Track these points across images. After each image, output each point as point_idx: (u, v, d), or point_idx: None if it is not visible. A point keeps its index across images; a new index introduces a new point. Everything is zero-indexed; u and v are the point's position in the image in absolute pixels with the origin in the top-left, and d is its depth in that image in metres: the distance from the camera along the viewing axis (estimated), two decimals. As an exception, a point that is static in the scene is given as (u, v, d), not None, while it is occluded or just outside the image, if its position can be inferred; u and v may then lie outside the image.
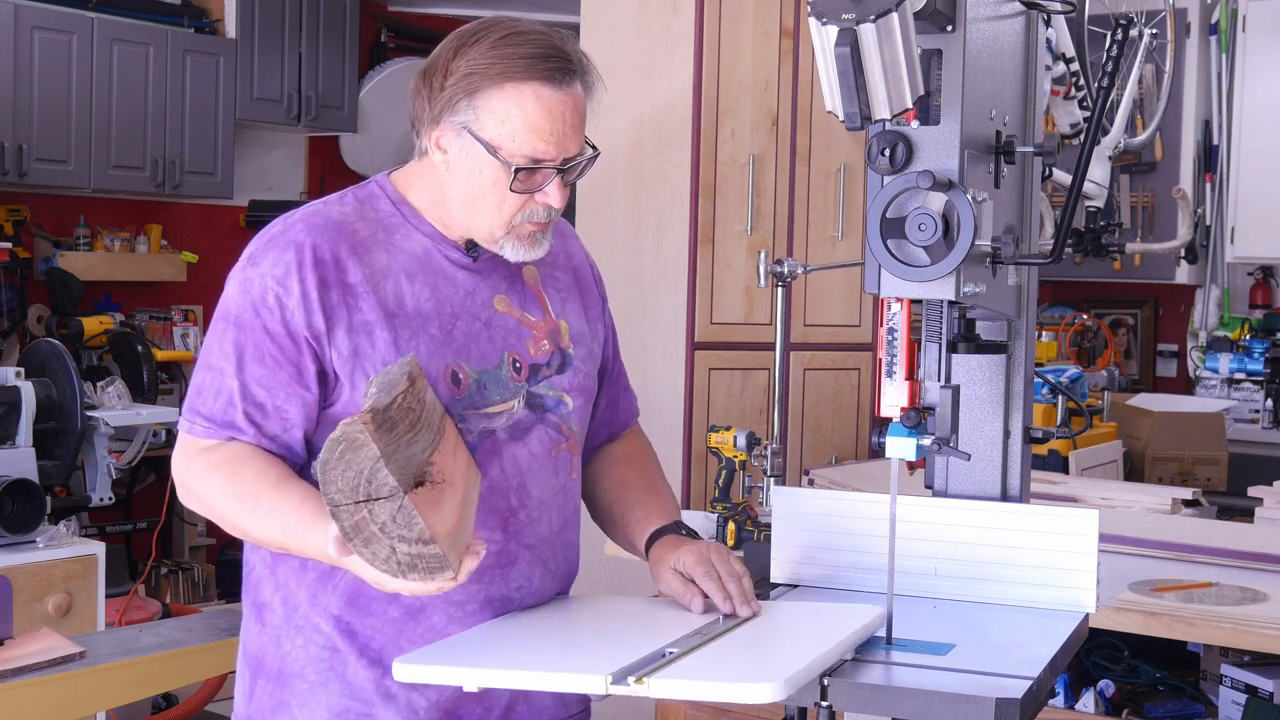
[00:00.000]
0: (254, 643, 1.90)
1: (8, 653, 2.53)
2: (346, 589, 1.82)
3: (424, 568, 1.59)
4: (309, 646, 1.84)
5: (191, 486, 1.81)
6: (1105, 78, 2.04)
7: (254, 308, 1.78)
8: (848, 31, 1.65)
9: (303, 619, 1.85)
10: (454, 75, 1.76)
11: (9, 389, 3.35)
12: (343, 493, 1.56)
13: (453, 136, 1.79)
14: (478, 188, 1.80)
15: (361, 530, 1.57)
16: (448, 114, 1.78)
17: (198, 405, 1.80)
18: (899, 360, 1.81)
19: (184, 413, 1.83)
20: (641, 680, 1.54)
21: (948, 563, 1.99)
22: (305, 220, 1.83)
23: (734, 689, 1.56)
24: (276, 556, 1.85)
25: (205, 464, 1.78)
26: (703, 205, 4.57)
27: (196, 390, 1.81)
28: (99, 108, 5.72)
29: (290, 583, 1.85)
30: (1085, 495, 3.39)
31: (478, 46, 1.76)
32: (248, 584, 1.92)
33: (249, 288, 1.79)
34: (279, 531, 1.73)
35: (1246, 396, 6.03)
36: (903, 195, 1.74)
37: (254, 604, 1.90)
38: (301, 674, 1.85)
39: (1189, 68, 6.24)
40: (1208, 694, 2.77)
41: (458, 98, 1.76)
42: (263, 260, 1.80)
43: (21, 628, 2.81)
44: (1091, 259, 3.25)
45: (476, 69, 1.75)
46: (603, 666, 1.56)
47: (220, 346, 1.80)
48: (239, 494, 1.75)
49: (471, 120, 1.77)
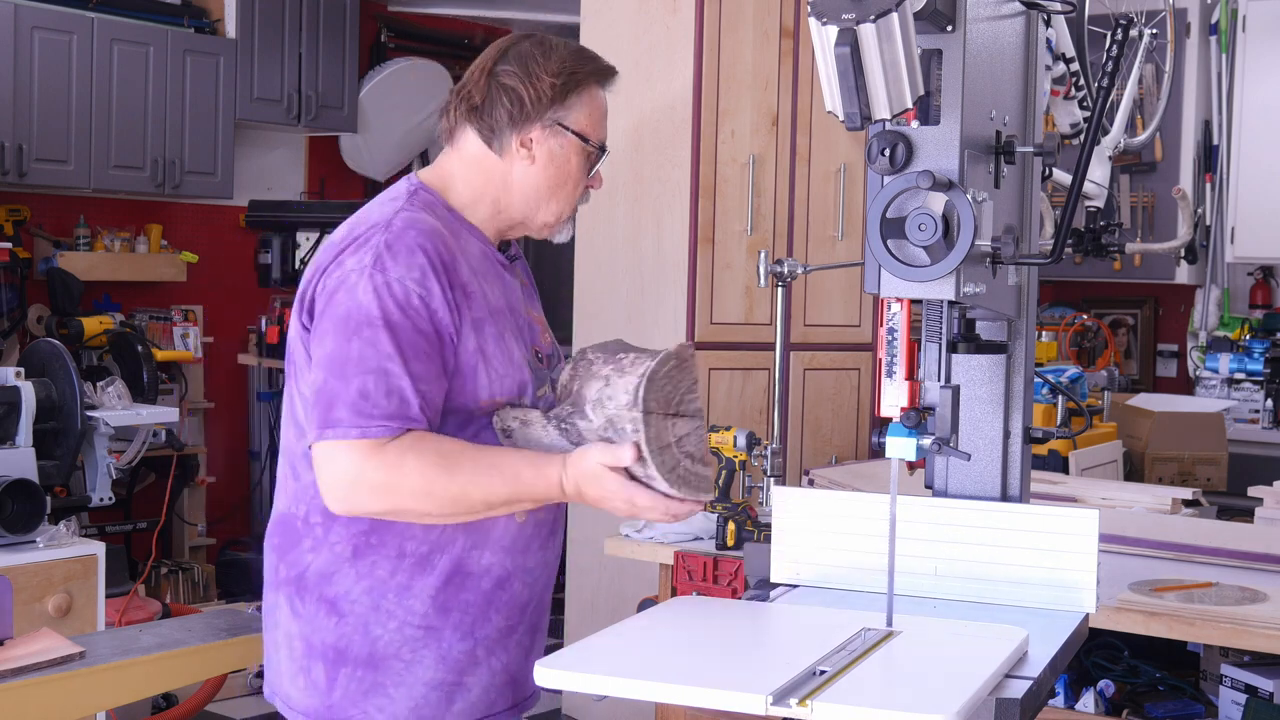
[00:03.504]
0: (329, 635, 1.98)
1: (8, 653, 2.53)
2: (445, 569, 1.98)
3: (695, 485, 1.89)
4: (403, 629, 1.97)
5: (379, 480, 1.87)
6: (1105, 78, 2.04)
7: (400, 309, 1.89)
8: (848, 31, 1.65)
9: (393, 604, 1.97)
10: (542, 84, 2.02)
11: (9, 389, 3.35)
12: (659, 403, 1.88)
13: (543, 133, 2.04)
14: (564, 175, 2.07)
15: (661, 439, 1.86)
16: (541, 115, 2.03)
17: (368, 409, 1.87)
18: (899, 360, 1.81)
19: (344, 421, 1.87)
20: (804, 702, 1.51)
21: (948, 563, 1.99)
22: (411, 225, 1.95)
23: (907, 718, 1.50)
24: (359, 549, 1.96)
25: (395, 456, 1.87)
26: (703, 205, 4.57)
27: (361, 394, 1.87)
28: (99, 108, 5.72)
29: (379, 571, 1.96)
30: (1085, 495, 3.39)
31: (553, 59, 2.04)
32: (306, 582, 2.00)
33: (388, 291, 1.89)
34: (509, 481, 1.90)
35: (1246, 396, 6.03)
36: (903, 195, 1.74)
37: (322, 599, 1.98)
38: (396, 655, 1.97)
39: (1189, 68, 6.23)
40: (1208, 694, 2.77)
41: (554, 101, 2.03)
42: (392, 265, 1.90)
43: (21, 628, 2.81)
44: (1091, 259, 3.24)
45: (563, 76, 2.03)
46: (760, 685, 1.53)
47: (376, 349, 1.88)
48: (454, 466, 1.89)
49: (564, 117, 2.04)
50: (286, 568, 2.02)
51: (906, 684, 1.67)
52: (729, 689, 1.55)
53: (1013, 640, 1.73)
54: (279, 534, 2.06)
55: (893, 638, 1.77)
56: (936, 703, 1.50)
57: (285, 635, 2.03)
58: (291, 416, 2.03)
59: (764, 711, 1.52)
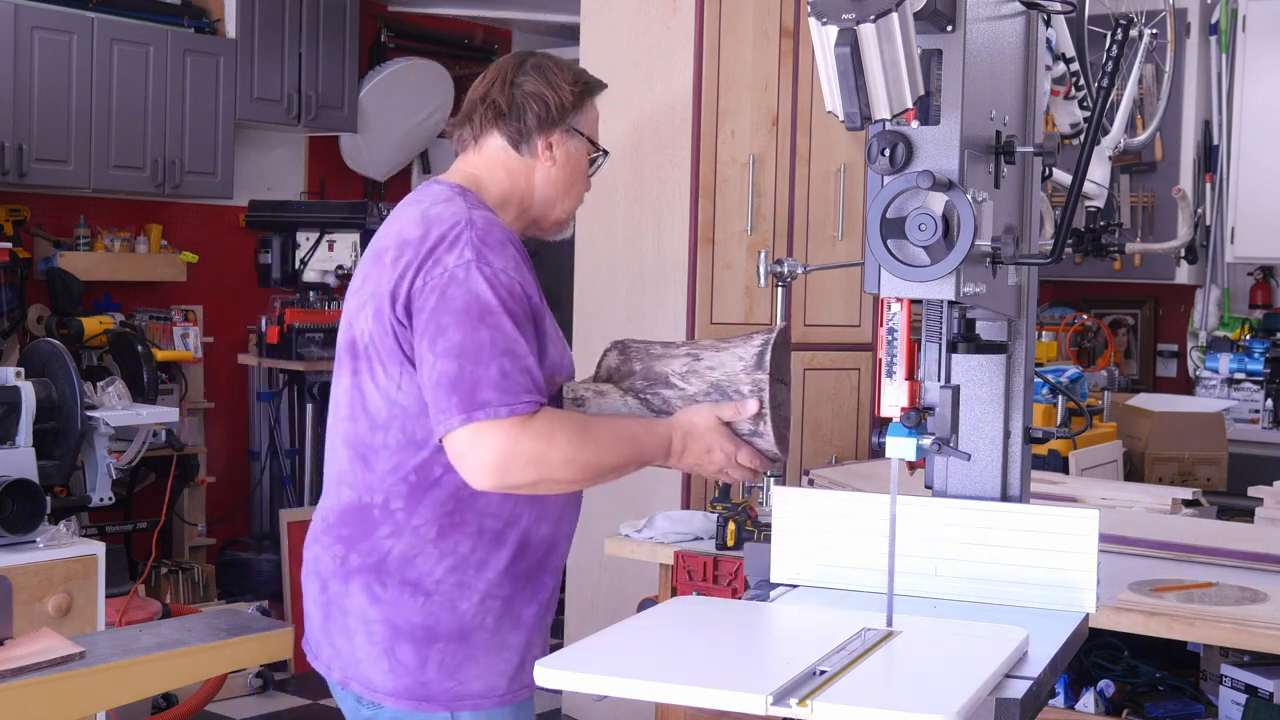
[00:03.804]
0: (415, 615, 2.10)
1: (8, 653, 2.53)
2: (514, 541, 2.14)
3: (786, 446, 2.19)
4: (486, 600, 2.13)
5: (533, 453, 2.02)
6: (1105, 78, 2.04)
7: (511, 297, 2.07)
8: (848, 31, 1.65)
9: (474, 577, 2.12)
10: (564, 91, 2.24)
11: (9, 389, 3.35)
12: (780, 371, 2.18)
13: (563, 137, 2.26)
14: (577, 174, 2.30)
15: (774, 403, 2.13)
16: (563, 120, 2.25)
17: (512, 387, 2.02)
18: (899, 360, 1.81)
19: (492, 401, 2.01)
20: (804, 702, 1.51)
21: (948, 563, 1.99)
22: (490, 223, 2.13)
23: (907, 718, 1.50)
24: (444, 529, 2.10)
25: (544, 428, 2.03)
26: (703, 205, 4.57)
27: (502, 375, 2.02)
28: (99, 108, 5.72)
29: (461, 548, 2.11)
30: (1085, 495, 3.39)
31: (566, 71, 2.28)
32: (386, 567, 2.11)
33: (499, 280, 2.06)
34: (631, 444, 2.12)
35: (1246, 396, 6.03)
36: (903, 195, 1.74)
37: (405, 582, 2.10)
38: (482, 625, 2.12)
39: (1189, 68, 6.23)
40: (1208, 694, 2.77)
41: (573, 106, 2.26)
42: (493, 257, 2.08)
43: (21, 628, 2.81)
44: (1091, 259, 3.24)
45: (579, 85, 2.27)
46: (760, 685, 1.53)
47: (503, 334, 2.04)
48: (590, 435, 2.08)
49: (578, 121, 2.27)
50: (360, 556, 2.12)
51: (906, 684, 1.67)
52: (729, 689, 1.55)
53: (1013, 640, 1.73)
54: (348, 524, 2.15)
55: (893, 638, 1.77)
56: (936, 703, 1.50)
57: (360, 621, 2.12)
58: (361, 409, 2.14)
59: (764, 711, 1.52)
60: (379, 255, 2.16)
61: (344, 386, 2.18)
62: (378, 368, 2.11)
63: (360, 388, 2.14)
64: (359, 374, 2.15)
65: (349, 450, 2.16)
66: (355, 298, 2.19)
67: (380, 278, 2.12)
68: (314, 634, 2.23)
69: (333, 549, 2.16)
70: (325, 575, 2.17)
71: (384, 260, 2.13)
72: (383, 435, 2.11)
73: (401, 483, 2.10)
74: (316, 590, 2.20)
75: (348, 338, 2.20)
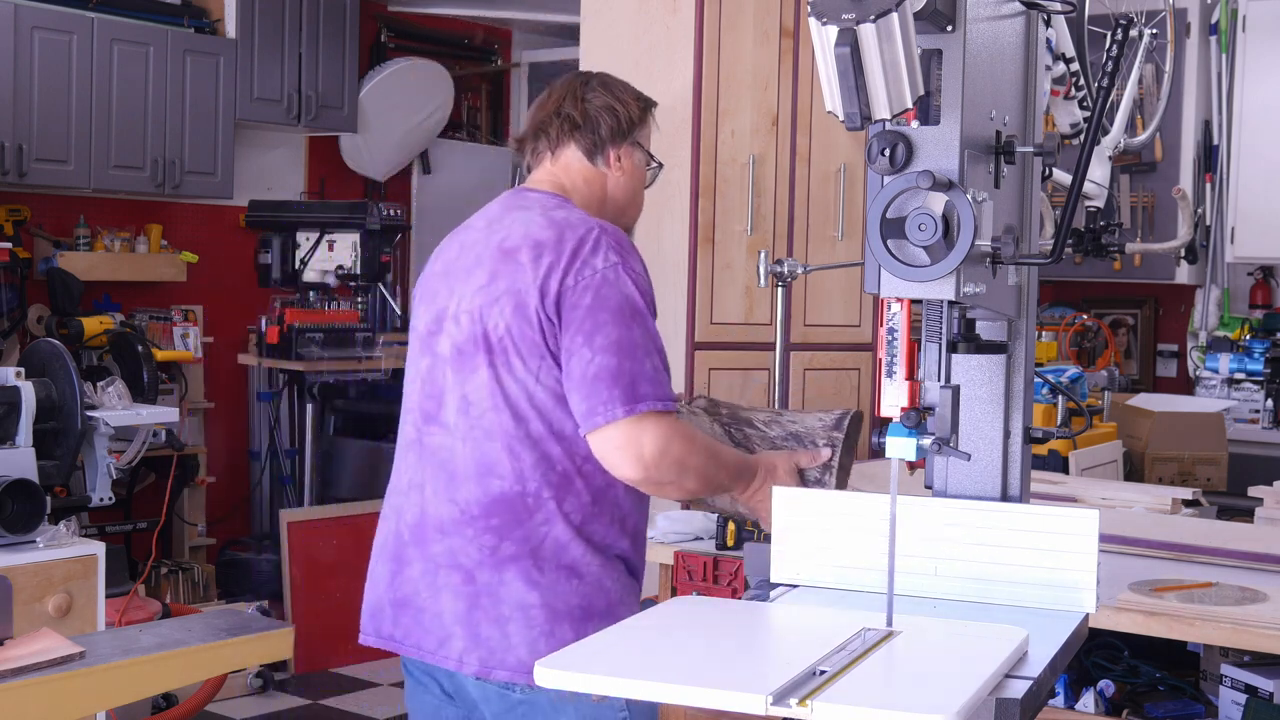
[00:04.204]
0: (573, 597, 2.25)
1: (8, 653, 2.53)
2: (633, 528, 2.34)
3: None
4: (620, 576, 2.30)
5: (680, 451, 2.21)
6: (1105, 78, 2.04)
7: (651, 300, 2.27)
8: (848, 31, 1.65)
9: (608, 557, 2.28)
10: (631, 106, 2.46)
11: (9, 389, 3.34)
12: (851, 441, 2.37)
13: (629, 149, 2.45)
14: (639, 185, 2.49)
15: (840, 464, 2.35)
16: (631, 133, 2.45)
17: (663, 385, 2.22)
18: (899, 360, 1.81)
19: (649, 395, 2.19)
20: (804, 702, 1.51)
21: (948, 563, 1.99)
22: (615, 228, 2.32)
23: (907, 718, 1.49)
24: (587, 518, 2.26)
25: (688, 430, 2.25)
26: (703, 205, 4.57)
27: (655, 371, 2.21)
28: (99, 108, 5.72)
29: (600, 532, 2.27)
30: (1085, 495, 3.39)
31: (628, 89, 2.49)
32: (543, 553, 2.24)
33: (641, 283, 2.25)
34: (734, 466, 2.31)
35: (1246, 396, 6.03)
36: (903, 195, 1.74)
37: (560, 566, 2.24)
38: (621, 600, 2.30)
39: (1189, 68, 6.23)
40: (1208, 694, 2.77)
41: (639, 121, 2.46)
42: (633, 261, 2.26)
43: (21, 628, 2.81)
44: (1091, 259, 3.24)
45: (641, 102, 2.48)
46: (760, 685, 1.53)
47: (650, 334, 2.23)
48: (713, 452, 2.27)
49: (640, 135, 2.48)
50: (514, 544, 2.23)
51: (906, 684, 1.67)
52: (729, 689, 1.55)
53: (1013, 640, 1.73)
54: (499, 514, 2.24)
55: (893, 638, 1.77)
56: (936, 703, 1.50)
57: (516, 608, 2.23)
58: (504, 401, 2.25)
59: (764, 711, 1.52)
60: (508, 254, 2.27)
61: (481, 380, 2.26)
62: (515, 360, 2.23)
63: (499, 380, 2.25)
64: (496, 367, 2.25)
65: (495, 442, 2.25)
66: (483, 294, 2.27)
67: (517, 275, 2.24)
68: (443, 627, 2.27)
69: (480, 539, 2.25)
70: (470, 566, 2.25)
71: (518, 259, 2.25)
72: (526, 426, 2.24)
73: (551, 472, 2.23)
74: (458, 581, 2.26)
75: (476, 331, 2.27)
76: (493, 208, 2.43)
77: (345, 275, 6.21)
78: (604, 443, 2.19)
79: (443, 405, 2.31)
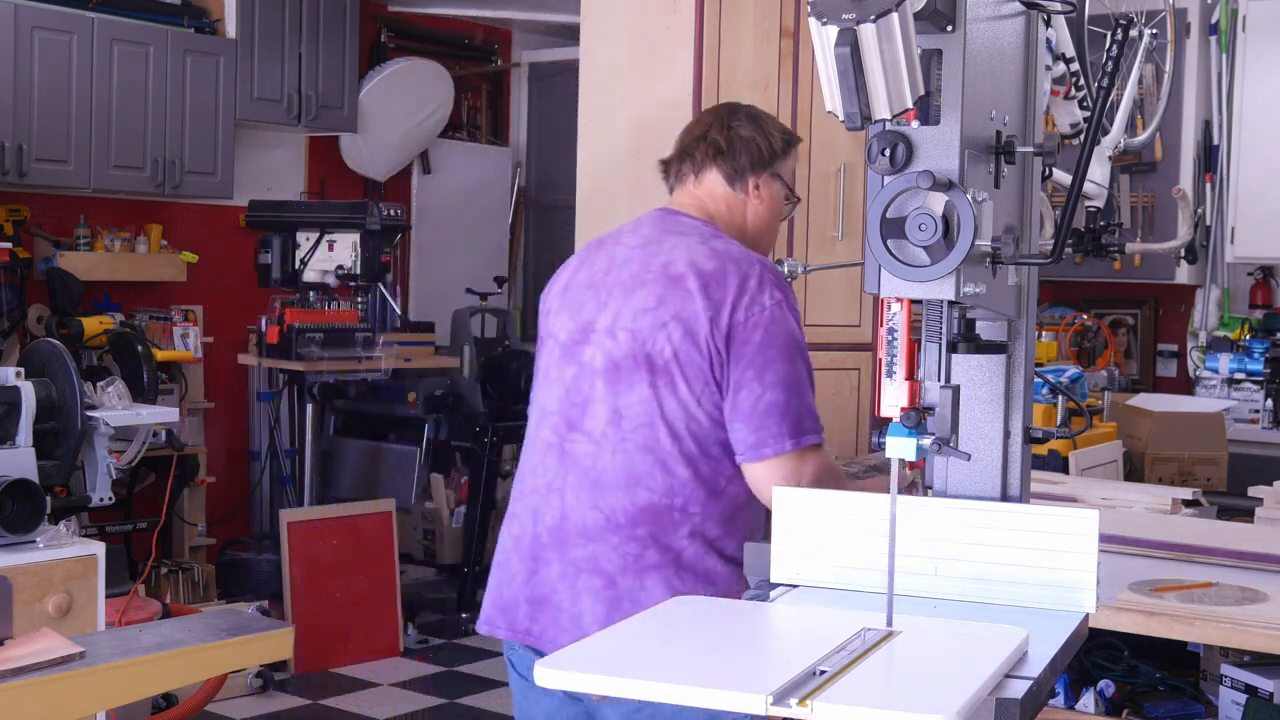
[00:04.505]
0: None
1: (8, 653, 2.53)
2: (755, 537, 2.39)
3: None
4: (740, 585, 2.27)
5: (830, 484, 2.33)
6: (1105, 78, 2.04)
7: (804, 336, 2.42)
8: (848, 31, 1.65)
9: (734, 567, 2.35)
10: (775, 139, 2.56)
11: (9, 389, 3.34)
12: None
13: (769, 179, 2.56)
14: (776, 216, 2.59)
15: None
16: (771, 164, 2.55)
17: (817, 417, 2.38)
18: (899, 360, 1.81)
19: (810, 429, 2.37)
20: (804, 702, 1.51)
21: (948, 563, 1.99)
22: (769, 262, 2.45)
23: (907, 718, 1.49)
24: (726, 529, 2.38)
25: (836, 465, 2.43)
26: (703, 205, 4.56)
27: (811, 407, 2.38)
28: (99, 108, 5.72)
29: (731, 545, 2.38)
30: (1085, 495, 3.39)
31: (774, 123, 2.60)
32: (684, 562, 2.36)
33: (798, 320, 2.41)
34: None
35: (1246, 396, 6.03)
36: (903, 195, 1.74)
37: (698, 575, 2.36)
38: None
39: (1189, 68, 6.23)
40: (1208, 694, 2.77)
41: (780, 154, 2.56)
42: (790, 297, 2.40)
43: (21, 628, 2.81)
44: (1091, 259, 3.24)
45: (785, 136, 2.60)
46: (760, 685, 1.53)
47: (809, 370, 2.40)
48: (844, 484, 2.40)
49: (780, 168, 2.58)
50: (659, 552, 2.36)
51: (906, 684, 1.67)
52: (729, 689, 1.55)
53: (1013, 640, 1.73)
54: (647, 523, 2.37)
55: (893, 638, 1.77)
56: (936, 703, 1.50)
57: None
58: (660, 419, 2.37)
59: (764, 711, 1.52)
60: (674, 280, 2.41)
61: (639, 396, 2.39)
62: (680, 382, 2.37)
63: (659, 399, 2.38)
64: (657, 386, 2.38)
65: (648, 456, 2.37)
66: (649, 316, 2.40)
67: (686, 303, 2.38)
68: (580, 628, 2.37)
69: (625, 547, 2.37)
70: (612, 572, 2.37)
71: (685, 286, 2.39)
72: (680, 445, 2.37)
73: (699, 488, 2.37)
74: (600, 585, 2.38)
75: (637, 350, 2.40)
76: (643, 227, 2.56)
77: (345, 275, 6.20)
78: (768, 472, 2.33)
79: (588, 415, 2.43)
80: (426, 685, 5.62)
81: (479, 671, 5.80)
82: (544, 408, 2.51)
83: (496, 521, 6.87)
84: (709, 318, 2.36)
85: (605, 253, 2.54)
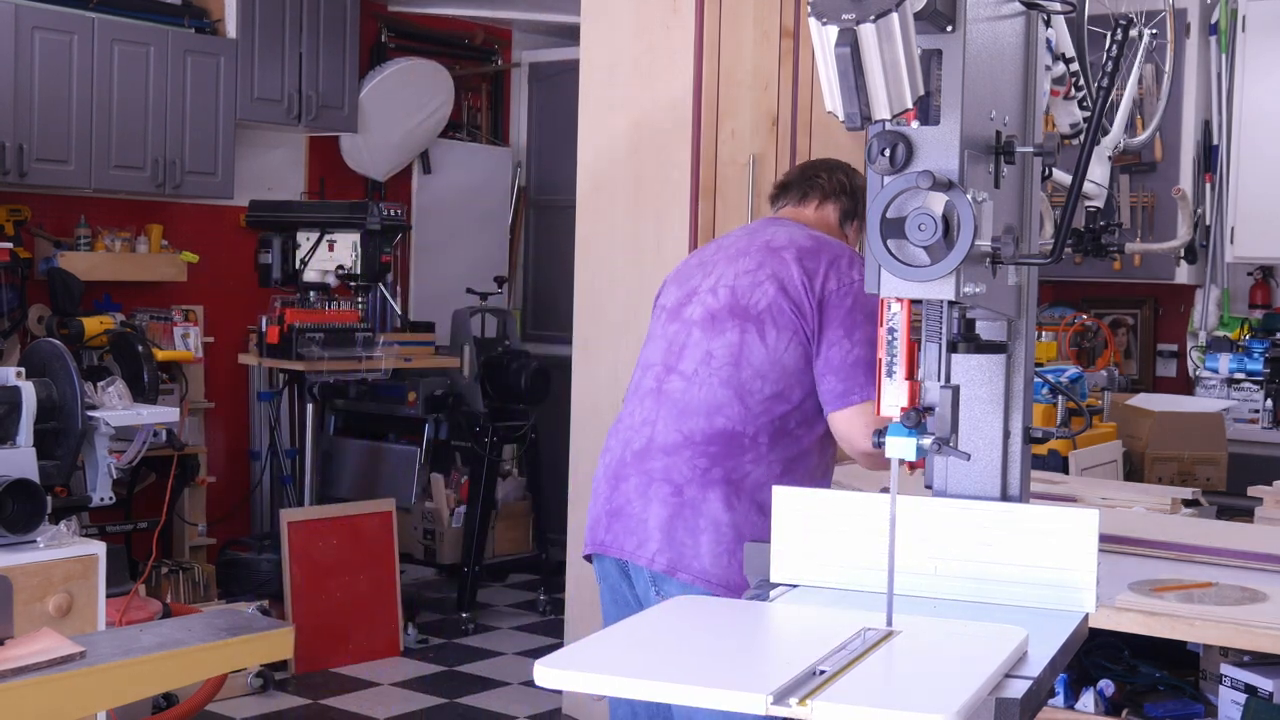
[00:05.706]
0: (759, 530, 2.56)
1: (8, 653, 2.53)
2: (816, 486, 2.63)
3: None
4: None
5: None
6: (1105, 78, 2.04)
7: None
8: (848, 31, 1.65)
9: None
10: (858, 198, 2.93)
11: (9, 389, 3.34)
12: None
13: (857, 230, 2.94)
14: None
15: None
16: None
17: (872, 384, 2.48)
18: (899, 360, 1.82)
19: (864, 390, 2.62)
20: (804, 702, 1.51)
21: (948, 563, 1.99)
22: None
23: (907, 718, 1.50)
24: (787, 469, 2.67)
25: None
26: (703, 205, 4.57)
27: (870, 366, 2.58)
28: (99, 108, 5.72)
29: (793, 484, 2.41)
30: (1085, 495, 3.39)
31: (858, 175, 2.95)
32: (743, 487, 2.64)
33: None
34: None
35: (1246, 396, 6.03)
36: (903, 195, 1.74)
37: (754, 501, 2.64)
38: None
39: (1189, 68, 6.23)
40: (1207, 694, 2.77)
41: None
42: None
43: (21, 628, 2.81)
44: (1091, 259, 3.24)
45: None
46: (760, 685, 1.53)
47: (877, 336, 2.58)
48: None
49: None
50: (724, 471, 2.66)
51: (906, 684, 1.67)
52: (729, 689, 1.55)
53: (1013, 640, 1.73)
54: (718, 444, 2.66)
55: (893, 638, 1.77)
56: (936, 703, 1.50)
57: (713, 523, 2.64)
58: (745, 360, 2.68)
59: (764, 711, 1.52)
60: (775, 251, 2.76)
61: (729, 340, 2.71)
62: (770, 330, 2.69)
63: (746, 343, 2.70)
64: (747, 331, 2.70)
65: (729, 389, 2.68)
66: (749, 276, 2.74)
67: (783, 267, 2.72)
68: (645, 531, 2.67)
69: (695, 461, 2.67)
70: (680, 482, 2.67)
71: (783, 256, 2.74)
72: (760, 383, 2.67)
73: (771, 424, 2.67)
74: (668, 493, 2.67)
75: (734, 302, 2.73)
76: (750, 224, 2.99)
77: (345, 275, 6.20)
78: (853, 416, 2.63)
79: (683, 358, 2.76)
80: (426, 685, 5.62)
81: (479, 671, 5.80)
82: (648, 361, 2.85)
83: (497, 521, 6.91)
84: (803, 282, 2.69)
85: (714, 244, 2.93)
